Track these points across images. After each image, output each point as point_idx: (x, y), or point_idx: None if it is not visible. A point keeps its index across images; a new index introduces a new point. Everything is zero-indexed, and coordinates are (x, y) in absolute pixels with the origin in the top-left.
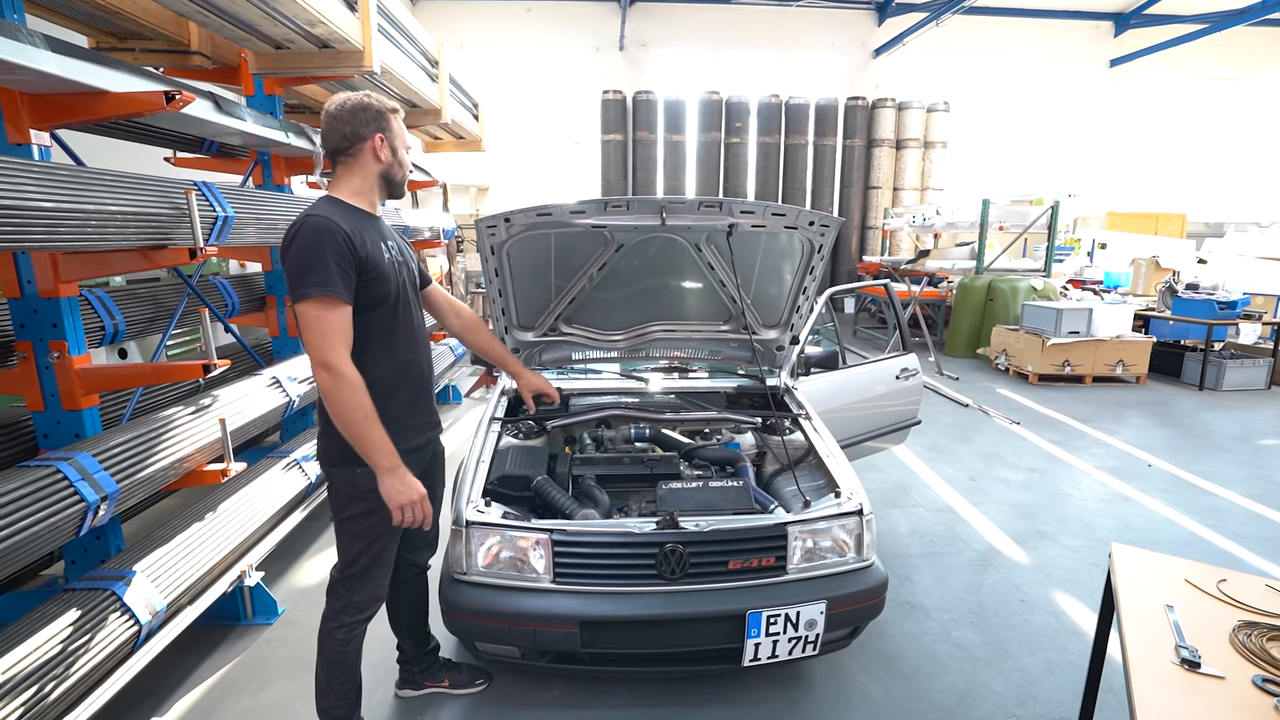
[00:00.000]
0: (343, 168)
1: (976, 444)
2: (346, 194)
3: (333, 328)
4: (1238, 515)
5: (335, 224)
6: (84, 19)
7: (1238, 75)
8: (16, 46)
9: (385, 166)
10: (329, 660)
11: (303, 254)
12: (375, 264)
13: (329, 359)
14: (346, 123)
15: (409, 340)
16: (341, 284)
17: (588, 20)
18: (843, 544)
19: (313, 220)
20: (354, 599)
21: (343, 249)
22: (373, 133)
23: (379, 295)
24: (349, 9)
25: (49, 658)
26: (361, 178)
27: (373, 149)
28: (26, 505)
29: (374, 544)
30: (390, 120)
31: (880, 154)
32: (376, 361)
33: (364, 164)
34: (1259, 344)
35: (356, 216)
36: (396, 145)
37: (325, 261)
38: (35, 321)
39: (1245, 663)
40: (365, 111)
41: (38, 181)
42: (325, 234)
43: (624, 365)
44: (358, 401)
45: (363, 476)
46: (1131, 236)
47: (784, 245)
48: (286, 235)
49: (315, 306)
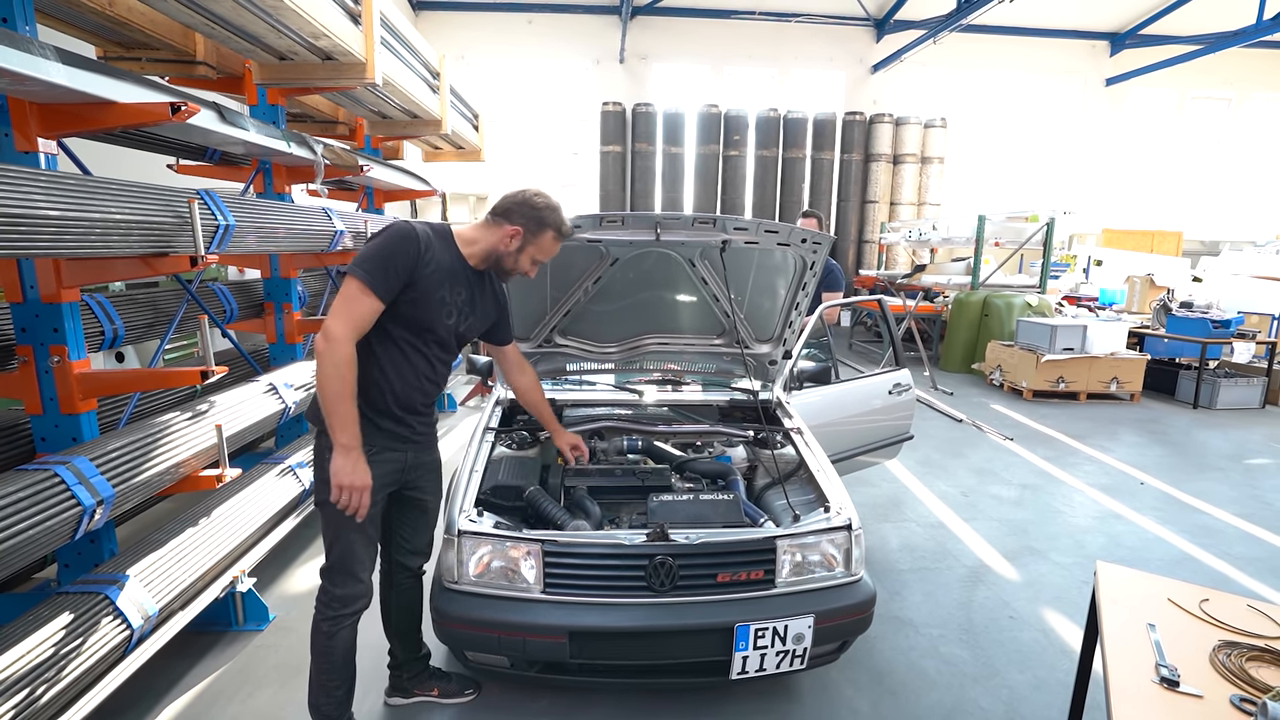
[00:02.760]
0: (482, 224)
1: (969, 459)
2: (463, 238)
3: (357, 309)
4: (1229, 535)
5: (419, 237)
6: (92, 29)
7: (1232, 96)
8: (29, 59)
9: (502, 251)
10: (316, 654)
11: (380, 244)
12: (425, 290)
13: (337, 329)
14: (514, 202)
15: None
16: (385, 282)
17: (588, 33)
18: (831, 558)
19: (407, 225)
20: (335, 592)
21: (408, 258)
22: (519, 223)
23: (417, 318)
24: (352, 22)
25: (41, 661)
26: (483, 241)
27: (507, 231)
28: (23, 508)
29: (342, 530)
30: (544, 234)
31: (877, 169)
32: (384, 369)
33: (493, 233)
34: (1253, 363)
35: (450, 251)
36: (527, 251)
37: (386, 258)
38: (37, 326)
39: (1224, 682)
40: (532, 210)
41: (45, 190)
42: (405, 239)
43: (618, 377)
44: (343, 375)
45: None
46: (1127, 254)
47: (777, 261)
48: (385, 225)
49: (354, 286)
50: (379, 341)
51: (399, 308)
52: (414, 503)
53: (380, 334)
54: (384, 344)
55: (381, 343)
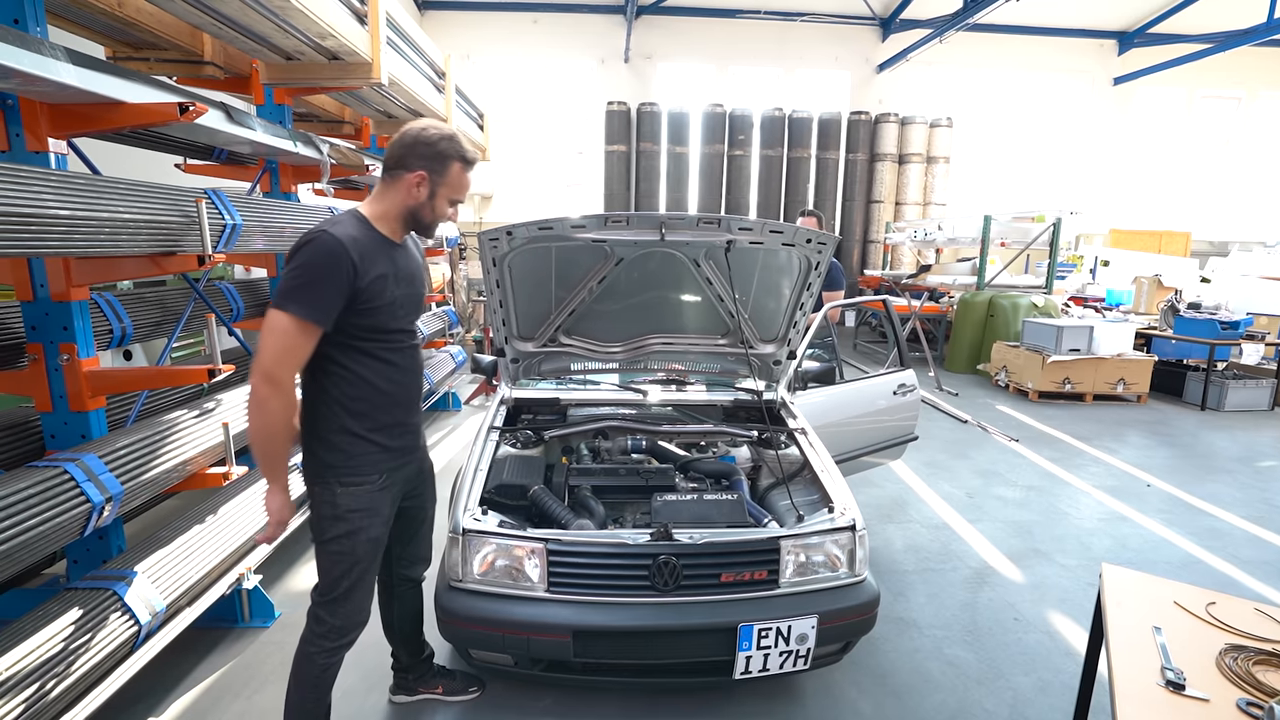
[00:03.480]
0: (382, 185)
1: (974, 461)
2: (372, 213)
3: (296, 348)
4: (1236, 537)
5: (346, 251)
6: (102, 30)
7: (1242, 95)
8: (40, 59)
9: (414, 203)
10: (306, 683)
11: (304, 270)
12: (373, 295)
13: (278, 374)
14: (403, 147)
15: (400, 365)
16: (326, 311)
17: (593, 32)
18: (835, 559)
19: (327, 240)
20: (335, 623)
21: (343, 278)
22: (418, 168)
23: (371, 324)
24: (359, 22)
25: (50, 655)
26: (389, 204)
27: (409, 183)
28: (34, 504)
29: (355, 566)
30: (449, 166)
31: (883, 168)
32: (367, 379)
33: (396, 192)
34: (1262, 365)
35: (372, 240)
36: (439, 192)
37: (320, 286)
38: (46, 324)
39: (1231, 686)
40: (426, 146)
41: (55, 190)
42: (333, 259)
43: (622, 377)
44: (287, 418)
45: (344, 496)
46: (1134, 254)
47: (782, 261)
48: (300, 241)
49: (291, 323)
50: (349, 358)
51: (352, 319)
52: (415, 513)
53: (346, 350)
54: (356, 357)
55: (353, 357)
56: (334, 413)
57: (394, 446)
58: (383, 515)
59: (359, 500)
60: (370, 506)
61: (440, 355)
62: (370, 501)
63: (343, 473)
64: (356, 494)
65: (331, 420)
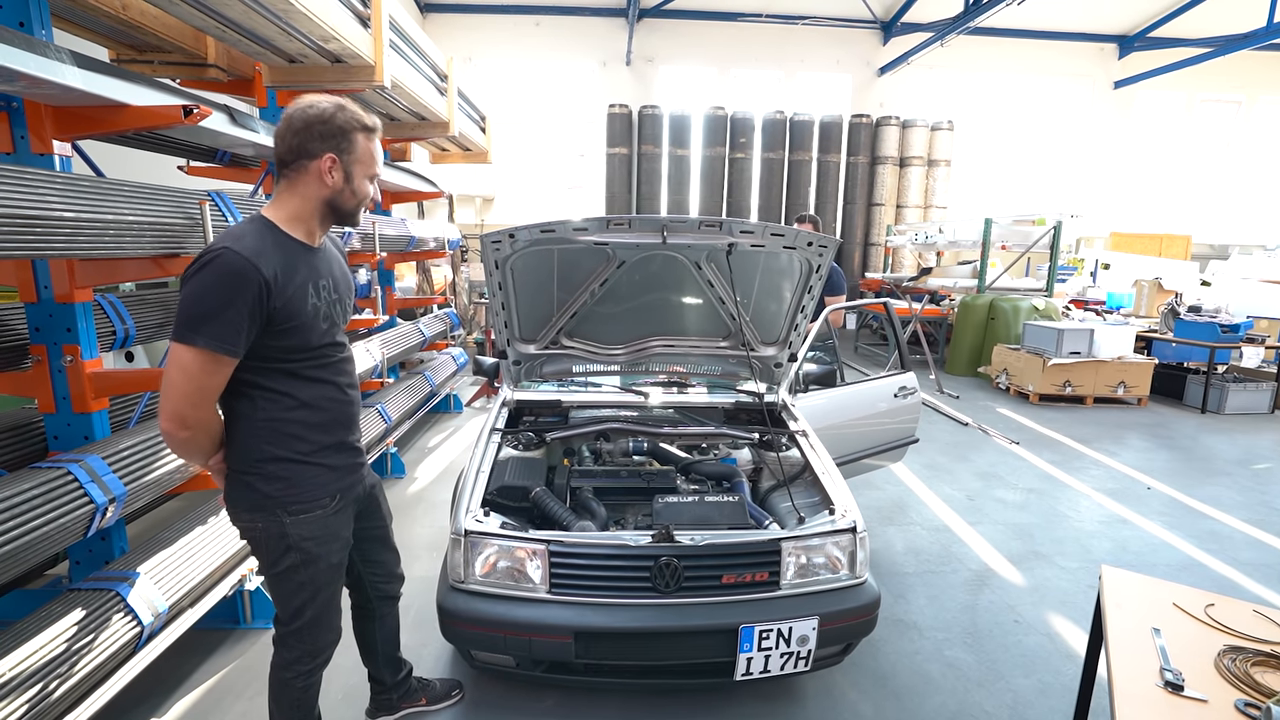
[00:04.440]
0: (285, 183)
1: (975, 463)
2: (281, 217)
3: (210, 386)
4: (1236, 540)
5: (255, 268)
6: (106, 33)
7: (1242, 99)
8: (45, 62)
9: (331, 192)
10: (290, 706)
11: (207, 294)
12: (292, 314)
13: (192, 416)
14: (298, 134)
15: (332, 381)
16: (236, 341)
17: (595, 35)
18: (836, 561)
19: (229, 258)
20: (306, 648)
21: (253, 300)
22: (324, 151)
23: (293, 345)
24: (361, 25)
25: (53, 656)
26: (302, 200)
27: (319, 170)
28: (38, 505)
29: (320, 593)
30: (354, 140)
31: (884, 171)
32: (300, 400)
33: (306, 185)
34: (1262, 368)
35: (285, 249)
36: (354, 171)
37: (229, 312)
38: (50, 326)
39: (1229, 687)
40: (323, 125)
41: (59, 192)
42: (240, 280)
43: (624, 379)
44: (210, 449)
45: (294, 525)
46: (1135, 257)
47: (783, 264)
48: (198, 261)
49: (201, 359)
50: (273, 381)
51: (270, 342)
52: (374, 532)
53: (268, 374)
54: (281, 380)
55: (277, 380)
56: (265, 441)
57: (339, 466)
58: (342, 538)
59: (312, 528)
60: (325, 532)
61: (442, 357)
62: (324, 527)
63: (288, 502)
64: (307, 521)
65: (263, 450)
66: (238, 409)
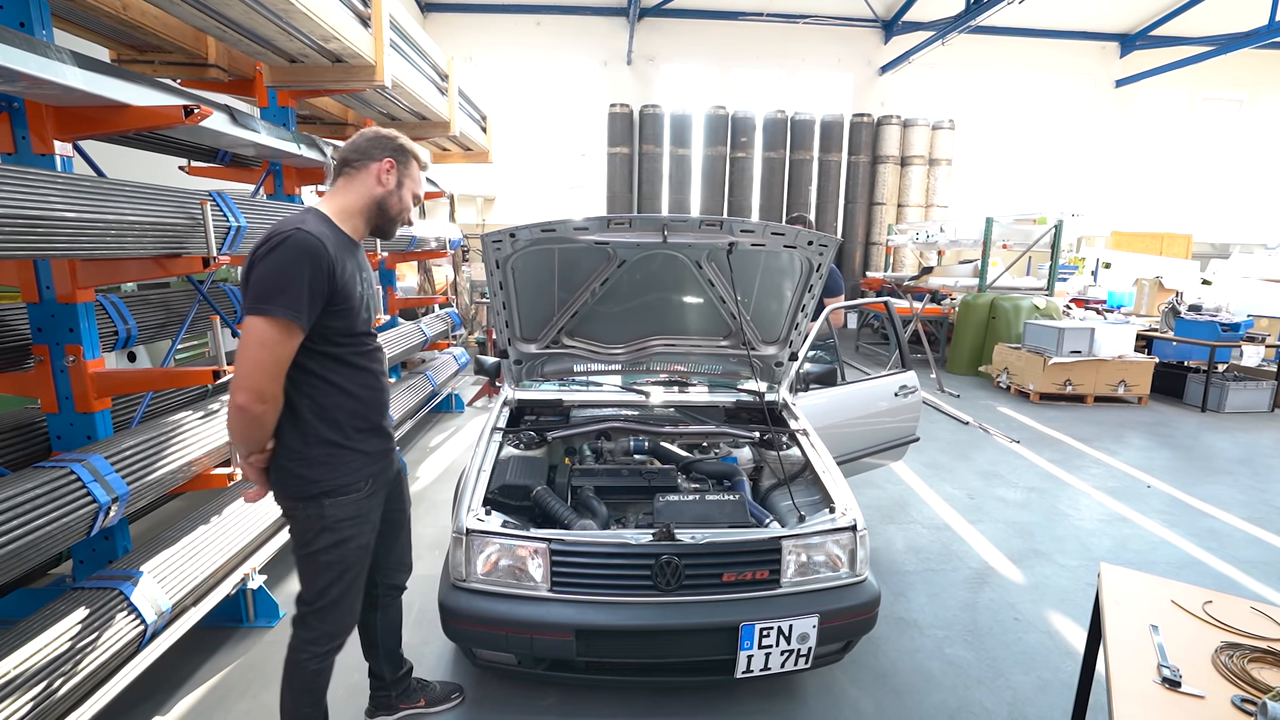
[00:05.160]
0: (343, 180)
1: (976, 462)
2: (334, 210)
3: (282, 356)
4: (1236, 538)
5: (323, 246)
6: (107, 33)
7: (1244, 97)
8: (46, 63)
9: (384, 192)
10: (300, 690)
11: (281, 270)
12: (346, 295)
13: (268, 390)
14: (368, 141)
15: (369, 369)
16: (309, 313)
17: (596, 34)
18: (836, 559)
19: (301, 237)
20: (325, 629)
21: (321, 274)
22: (384, 156)
23: (345, 326)
24: (362, 25)
25: (58, 654)
26: (355, 196)
27: (378, 170)
28: (41, 505)
29: (347, 573)
30: (411, 162)
31: (885, 170)
32: (341, 386)
33: (363, 182)
34: (1262, 366)
35: (338, 238)
36: (405, 181)
37: (302, 285)
38: (53, 326)
39: (1226, 683)
40: (390, 141)
41: (61, 192)
42: (311, 255)
43: (624, 378)
44: (272, 430)
45: (333, 507)
46: (1136, 256)
47: (784, 263)
48: (267, 240)
49: (276, 329)
50: (320, 365)
51: (326, 321)
52: (394, 517)
53: (317, 357)
54: (327, 364)
55: (324, 364)
56: (311, 426)
57: (374, 451)
58: (372, 521)
59: (347, 509)
60: (359, 514)
61: (443, 357)
62: (359, 509)
63: (328, 485)
64: (344, 504)
65: (309, 434)
66: (285, 394)
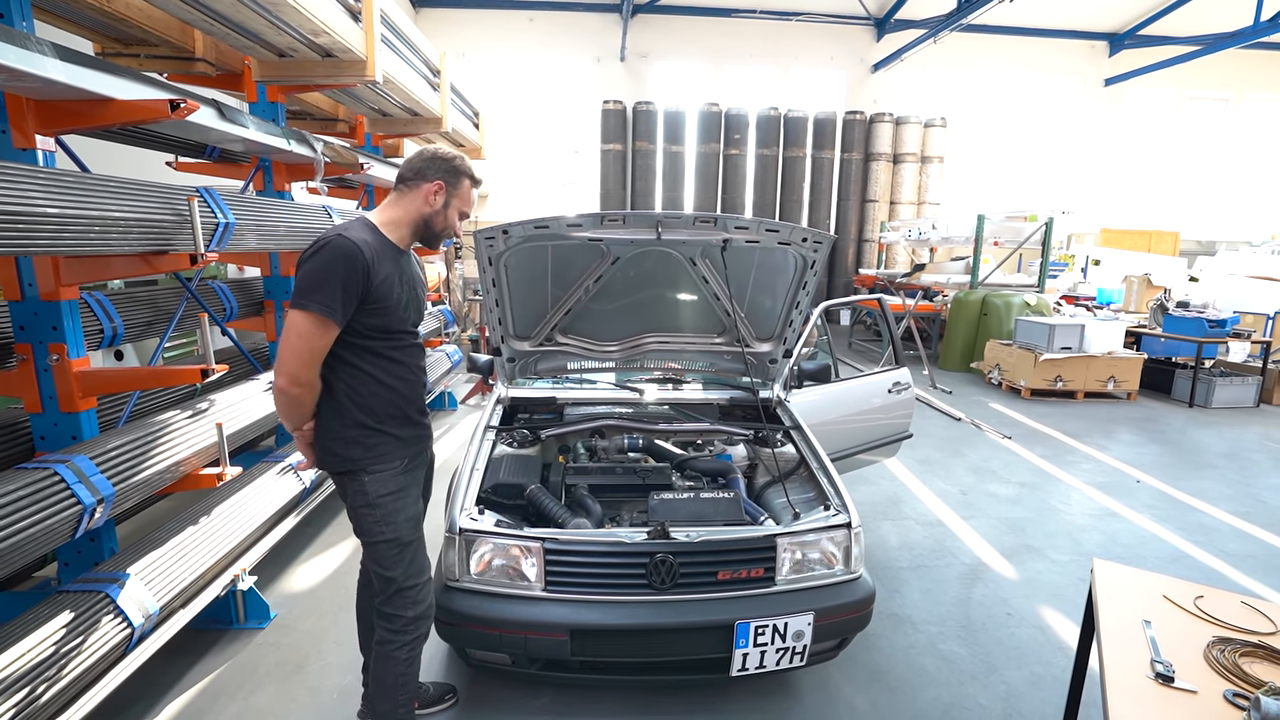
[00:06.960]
0: (396, 195)
1: (968, 458)
2: (382, 220)
3: (318, 347)
4: (1224, 532)
5: (362, 251)
6: (90, 25)
7: (1230, 96)
8: (26, 55)
9: (431, 211)
10: (395, 685)
11: (320, 271)
12: (382, 296)
13: (303, 375)
14: (424, 160)
15: (404, 362)
16: (341, 308)
17: (589, 31)
18: (831, 556)
19: (341, 242)
20: (410, 613)
21: (356, 276)
22: (436, 178)
23: (381, 324)
24: (352, 19)
25: (42, 659)
26: (404, 211)
27: (428, 191)
28: (23, 507)
29: (405, 549)
30: (462, 181)
31: (877, 168)
32: (375, 377)
33: (412, 199)
34: (1248, 362)
35: (381, 245)
36: (452, 202)
37: (335, 284)
38: (35, 324)
39: (1218, 677)
40: (445, 163)
41: (43, 187)
42: (350, 258)
43: (619, 376)
44: (310, 409)
45: (372, 483)
46: (1125, 253)
47: (778, 260)
48: (313, 245)
49: (310, 323)
50: (357, 356)
51: (362, 319)
52: None
53: (354, 350)
54: (363, 356)
55: (360, 356)
56: (345, 410)
57: (406, 437)
58: (413, 494)
59: (386, 484)
60: (400, 488)
61: (436, 355)
62: (398, 483)
63: (365, 462)
64: (383, 479)
65: (344, 416)
66: (325, 382)
